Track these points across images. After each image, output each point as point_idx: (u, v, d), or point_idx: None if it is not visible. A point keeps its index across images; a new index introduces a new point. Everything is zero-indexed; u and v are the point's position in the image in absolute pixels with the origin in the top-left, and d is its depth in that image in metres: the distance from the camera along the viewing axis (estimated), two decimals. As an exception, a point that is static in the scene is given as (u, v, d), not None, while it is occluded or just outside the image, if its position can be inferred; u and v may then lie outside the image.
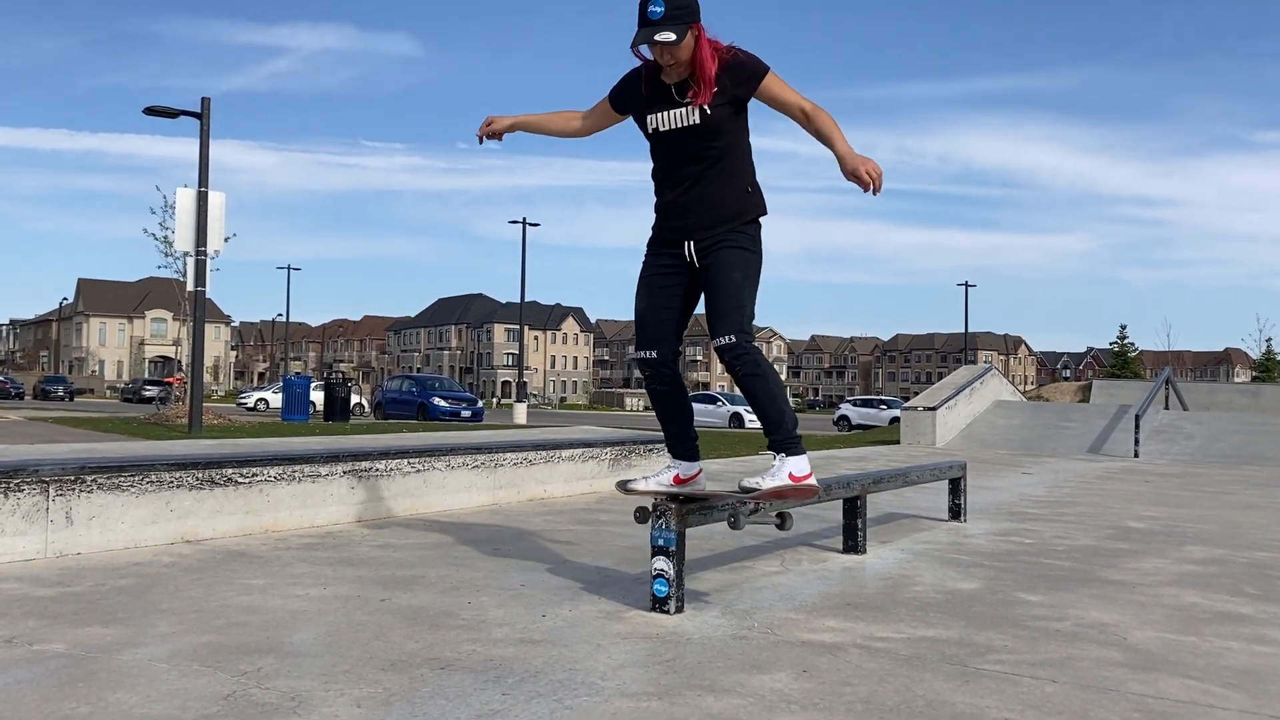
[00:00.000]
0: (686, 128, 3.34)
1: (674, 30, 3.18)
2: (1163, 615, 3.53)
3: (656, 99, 3.37)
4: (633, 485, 3.53)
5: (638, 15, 3.21)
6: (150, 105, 16.16)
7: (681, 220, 3.42)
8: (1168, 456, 13.03)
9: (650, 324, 3.50)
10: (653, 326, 3.49)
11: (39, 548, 3.98)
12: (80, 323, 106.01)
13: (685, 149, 3.37)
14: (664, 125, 3.37)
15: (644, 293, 3.51)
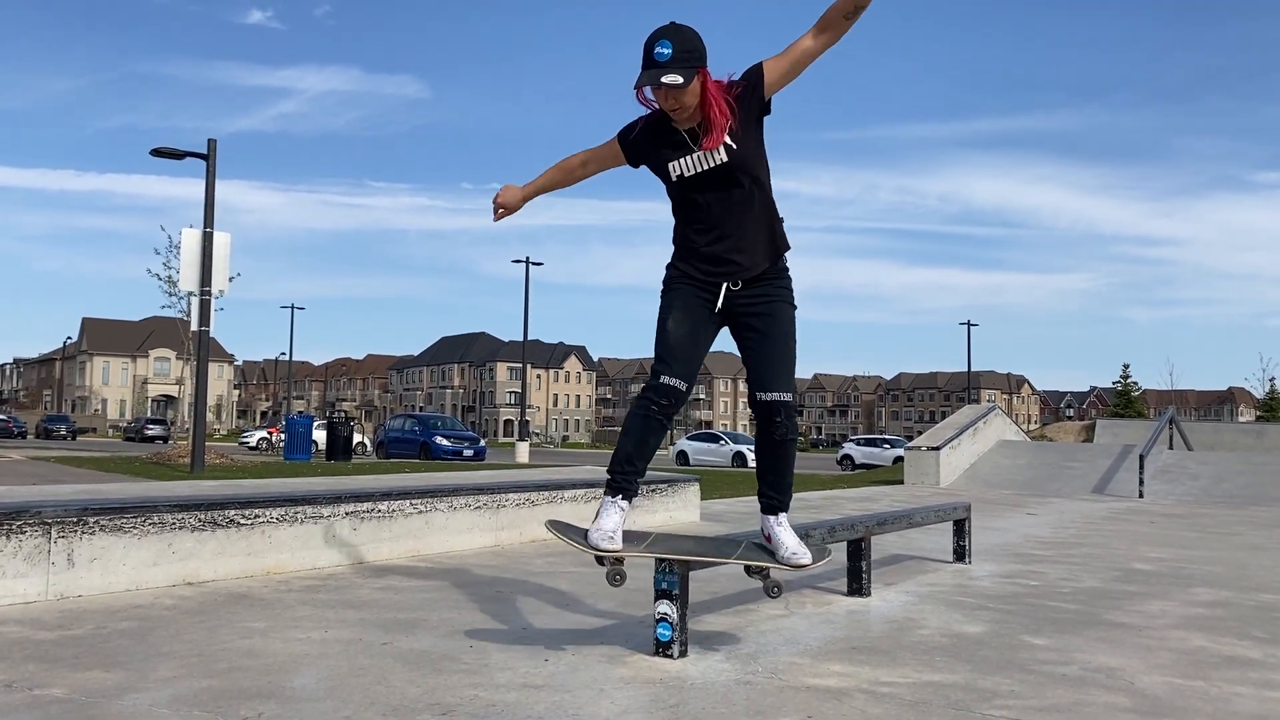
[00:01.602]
0: (714, 169, 3.24)
1: (681, 73, 3.10)
2: (1170, 659, 3.50)
3: (675, 145, 3.27)
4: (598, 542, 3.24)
5: (643, 56, 3.15)
6: (157, 146, 16.32)
7: (720, 266, 3.31)
8: (1173, 497, 12.97)
9: (683, 351, 3.31)
10: (685, 355, 3.31)
11: (40, 590, 3.96)
12: (84, 361, 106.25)
13: (715, 191, 3.27)
14: (689, 170, 3.26)
15: (682, 318, 3.32)
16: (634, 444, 3.30)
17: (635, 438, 3.30)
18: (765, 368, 3.32)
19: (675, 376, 3.26)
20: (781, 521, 3.41)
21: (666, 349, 3.29)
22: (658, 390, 3.25)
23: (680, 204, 3.33)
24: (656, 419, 3.27)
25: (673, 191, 3.32)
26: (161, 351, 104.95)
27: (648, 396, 3.27)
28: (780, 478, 3.42)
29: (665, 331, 3.30)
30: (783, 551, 3.33)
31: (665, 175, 3.30)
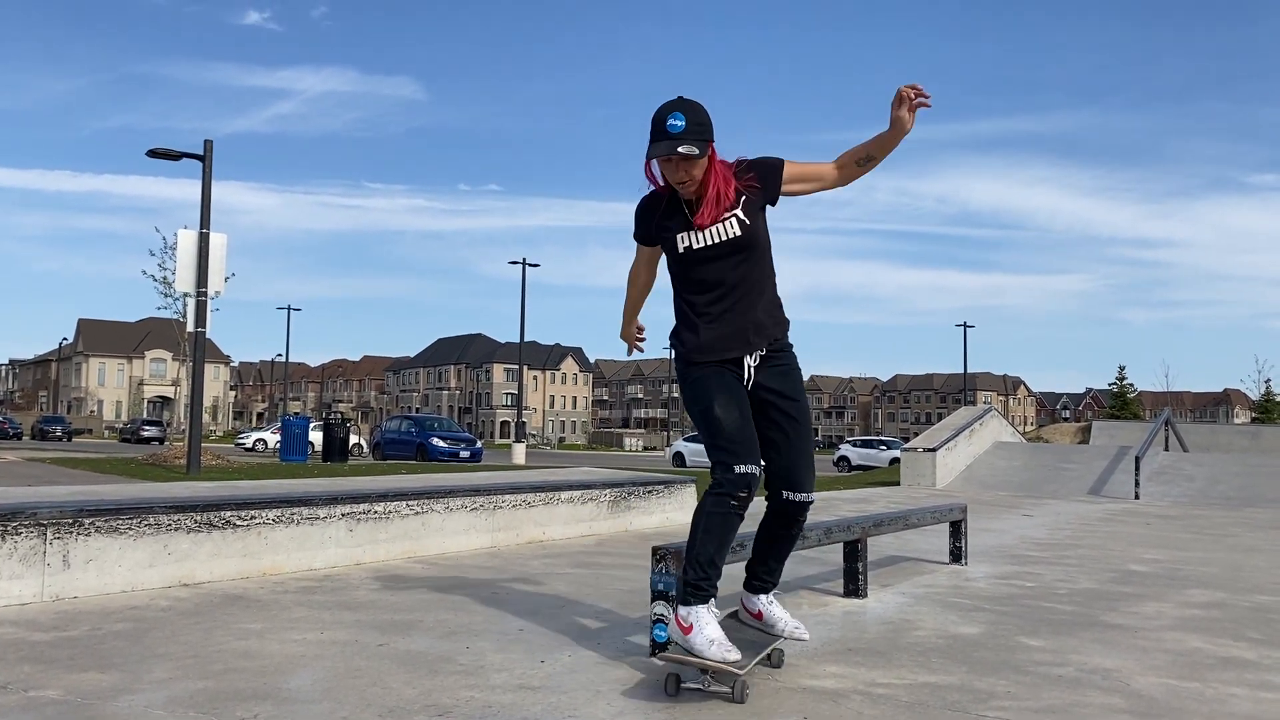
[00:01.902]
0: (725, 242, 3.18)
1: (695, 145, 3.09)
2: (1166, 660, 3.50)
3: (679, 220, 3.22)
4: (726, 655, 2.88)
5: (653, 129, 3.13)
6: (153, 147, 16.29)
7: (737, 338, 3.20)
8: (1168, 498, 12.99)
9: (745, 432, 3.09)
10: (748, 436, 3.10)
11: (35, 591, 3.95)
12: (80, 363, 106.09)
13: (723, 263, 3.19)
14: (698, 243, 3.18)
15: (728, 400, 3.13)
16: (715, 546, 3.05)
17: (716, 539, 3.04)
18: (799, 464, 3.22)
19: (748, 463, 3.03)
20: (771, 598, 3.34)
21: (726, 437, 3.06)
22: (736, 483, 3.00)
23: (685, 277, 3.23)
24: (737, 515, 3.04)
25: (677, 264, 3.24)
26: (157, 352, 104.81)
27: (726, 492, 3.01)
28: (781, 563, 3.38)
29: (715, 419, 3.08)
30: (784, 627, 3.26)
31: (672, 248, 3.24)
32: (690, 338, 3.23)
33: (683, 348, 3.26)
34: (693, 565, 3.04)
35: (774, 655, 3.27)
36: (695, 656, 2.88)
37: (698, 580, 3.01)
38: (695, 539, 3.05)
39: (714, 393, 3.11)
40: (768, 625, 3.28)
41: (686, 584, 3.03)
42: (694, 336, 3.21)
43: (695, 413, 3.17)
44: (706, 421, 3.11)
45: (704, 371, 3.18)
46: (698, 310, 3.23)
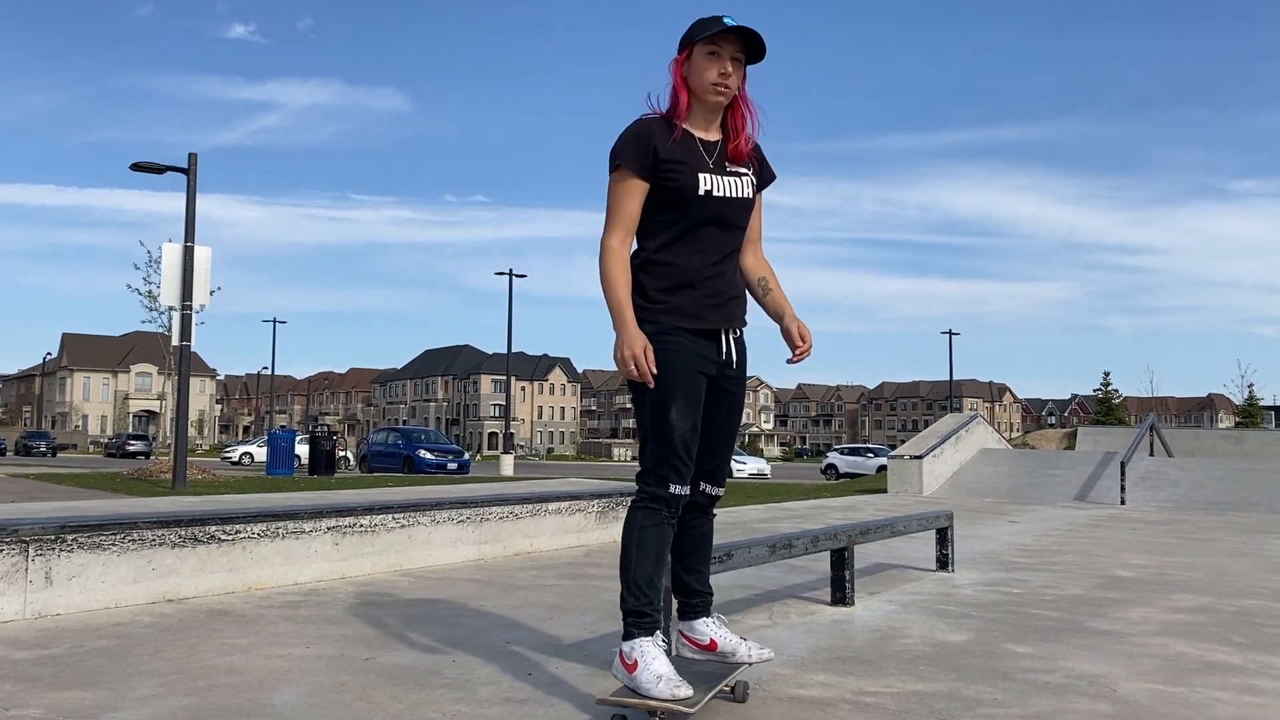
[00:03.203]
0: (742, 200, 2.86)
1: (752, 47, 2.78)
2: (1152, 666, 3.51)
3: (699, 158, 2.81)
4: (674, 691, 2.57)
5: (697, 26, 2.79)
6: (137, 161, 16.24)
7: (726, 303, 2.87)
8: (1154, 503, 13.04)
9: (691, 450, 2.78)
10: (691, 455, 2.79)
11: (17, 609, 3.92)
12: (64, 377, 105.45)
13: (729, 224, 2.85)
14: (719, 191, 2.80)
15: (687, 406, 2.76)
16: (653, 563, 2.75)
17: (653, 556, 2.75)
18: (722, 459, 2.95)
19: (685, 486, 2.78)
20: (720, 620, 3.01)
21: (673, 451, 2.74)
22: (668, 502, 2.75)
23: (689, 230, 2.79)
24: (670, 525, 2.78)
25: (684, 211, 2.78)
26: (143, 366, 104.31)
27: (659, 508, 2.75)
28: (708, 567, 3.02)
29: (669, 426, 2.74)
30: (745, 652, 2.96)
31: (688, 187, 2.76)
32: (672, 299, 2.78)
33: (655, 306, 2.78)
34: (632, 590, 2.71)
35: (737, 688, 2.92)
36: (640, 697, 2.57)
37: (640, 607, 2.70)
38: (629, 560, 2.73)
39: (677, 391, 2.74)
40: (725, 655, 2.95)
41: (627, 614, 2.71)
42: (677, 297, 2.78)
43: (646, 402, 2.76)
44: (658, 423, 2.75)
45: (676, 348, 2.75)
46: (684, 258, 2.80)
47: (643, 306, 2.79)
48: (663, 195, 2.78)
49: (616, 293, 2.75)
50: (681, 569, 2.98)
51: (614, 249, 2.78)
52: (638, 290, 2.80)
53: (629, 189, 2.78)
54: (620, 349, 2.71)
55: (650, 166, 2.76)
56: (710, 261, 2.82)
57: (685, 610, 2.99)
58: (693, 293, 2.80)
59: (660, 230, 2.82)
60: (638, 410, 2.81)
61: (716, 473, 2.97)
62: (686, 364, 2.76)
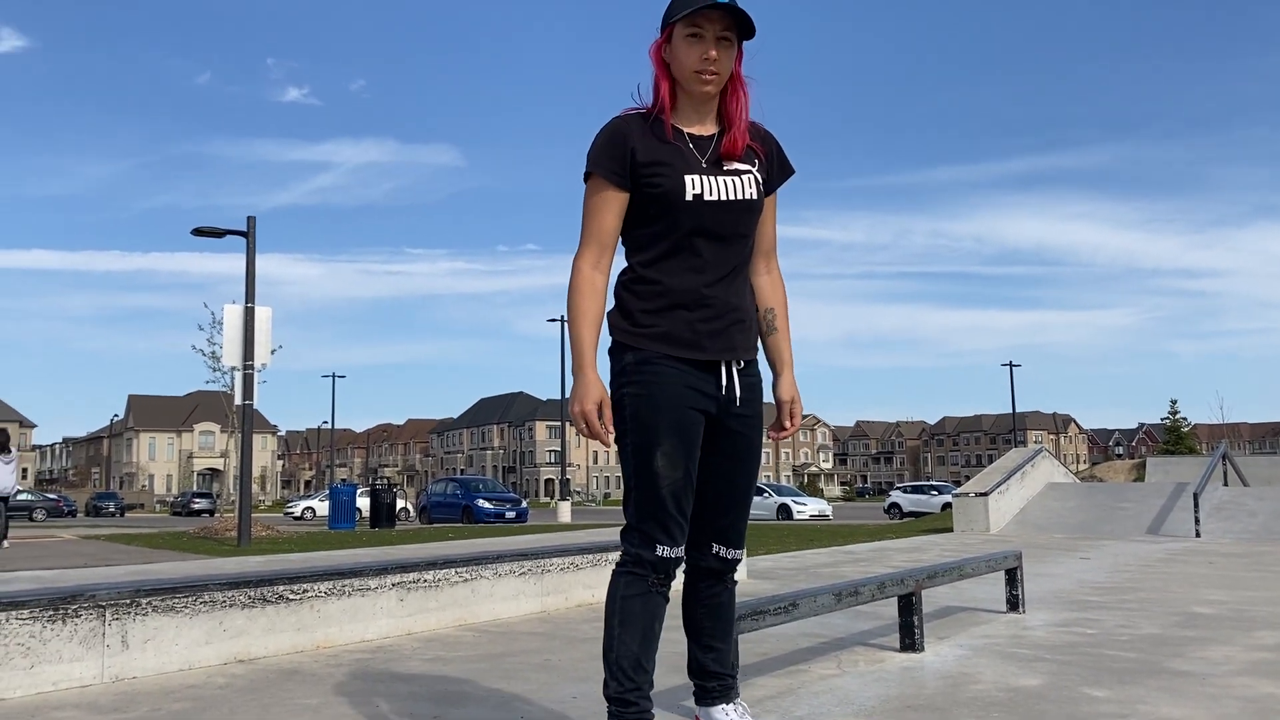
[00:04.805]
0: (742, 202, 2.42)
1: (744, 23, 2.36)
2: (1236, 708, 3.40)
3: (686, 157, 2.41)
4: None
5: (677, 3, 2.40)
6: (198, 226, 16.69)
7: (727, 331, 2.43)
8: (1230, 535, 12.67)
9: (683, 505, 2.37)
10: (684, 511, 2.38)
11: (96, 673, 4.00)
12: (130, 438, 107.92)
13: (728, 233, 2.42)
14: (710, 194, 2.38)
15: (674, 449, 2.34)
16: (640, 640, 2.34)
17: (639, 631, 2.34)
18: (742, 515, 2.53)
19: (675, 547, 2.37)
20: (742, 708, 2.61)
21: (658, 504, 2.34)
22: (655, 566, 2.36)
23: (678, 242, 2.39)
24: (660, 594, 2.40)
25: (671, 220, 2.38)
26: (206, 425, 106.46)
27: (644, 574, 2.37)
28: (729, 643, 2.58)
29: (654, 475, 2.33)
30: None
31: (673, 190, 2.37)
32: (661, 322, 2.38)
33: (640, 330, 2.39)
34: (614, 674, 2.33)
35: None
36: None
37: (623, 694, 2.32)
38: (611, 637, 2.35)
39: (663, 433, 2.33)
40: None
41: (610, 701, 2.33)
42: (667, 320, 2.38)
43: (629, 447, 2.37)
44: (641, 471, 2.35)
45: (662, 380, 2.35)
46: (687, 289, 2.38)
47: (626, 330, 2.40)
48: (646, 204, 2.39)
49: (579, 329, 2.35)
50: (696, 647, 2.56)
51: (583, 273, 2.39)
52: (622, 311, 2.43)
53: (603, 201, 2.39)
54: (572, 401, 2.34)
55: (627, 172, 2.38)
56: (707, 280, 2.39)
57: (702, 695, 2.58)
58: (686, 315, 2.38)
59: (648, 244, 2.42)
60: (621, 457, 2.42)
61: (730, 531, 2.51)
62: (675, 399, 2.34)
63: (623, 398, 2.37)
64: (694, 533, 2.49)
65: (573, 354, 2.34)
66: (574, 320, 2.37)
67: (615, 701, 2.32)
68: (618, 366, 2.41)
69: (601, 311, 2.40)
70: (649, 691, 2.32)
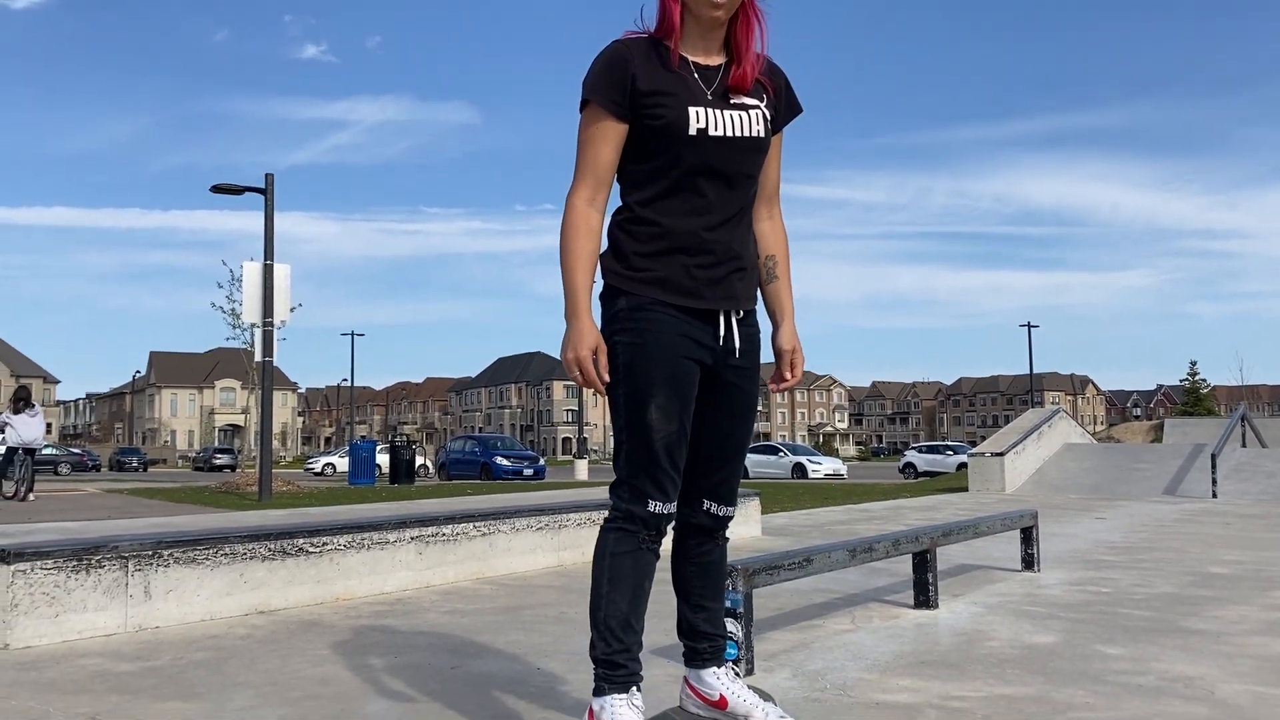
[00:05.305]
0: (749, 139, 2.27)
1: None
2: (1251, 667, 3.41)
3: (691, 88, 2.24)
4: None
5: None
6: (217, 183, 16.70)
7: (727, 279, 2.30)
8: (1248, 496, 12.63)
9: (676, 459, 2.27)
10: (677, 465, 2.28)
11: (119, 622, 4.07)
12: (152, 394, 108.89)
13: (733, 172, 2.27)
14: (716, 129, 2.23)
15: (669, 401, 2.23)
16: (629, 599, 2.27)
17: (629, 590, 2.27)
18: (735, 472, 2.43)
19: (668, 502, 2.28)
20: (734, 672, 2.52)
21: (651, 458, 2.23)
22: (646, 522, 2.26)
23: (679, 180, 2.25)
24: (650, 551, 2.31)
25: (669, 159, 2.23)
26: (227, 382, 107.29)
27: (634, 530, 2.28)
28: (719, 603, 2.50)
29: (647, 428, 2.22)
30: (761, 716, 2.41)
31: (677, 123, 2.21)
32: (657, 267, 2.25)
33: (635, 274, 2.26)
34: (602, 634, 2.25)
35: None
36: None
37: (611, 655, 2.24)
38: (599, 596, 2.28)
39: (657, 385, 2.22)
40: (734, 717, 2.43)
41: (597, 663, 2.25)
42: (664, 265, 2.25)
43: (621, 398, 2.24)
44: (633, 423, 2.23)
45: (657, 328, 2.22)
46: (687, 231, 2.25)
47: (620, 274, 2.27)
48: (646, 137, 2.23)
49: (573, 270, 2.21)
50: (686, 606, 2.48)
51: (578, 210, 2.24)
52: (616, 253, 2.29)
53: (601, 132, 2.23)
54: (565, 348, 2.21)
55: (627, 101, 2.21)
56: (708, 222, 2.26)
57: (692, 656, 2.49)
58: (684, 260, 2.24)
59: (646, 181, 2.27)
60: (612, 408, 2.29)
61: (723, 488, 2.42)
62: (670, 349, 2.22)
63: (615, 346, 2.24)
64: (685, 488, 2.39)
65: (565, 297, 2.21)
66: (567, 261, 2.22)
67: (602, 663, 2.23)
68: (610, 312, 2.28)
69: (596, 252, 2.26)
70: (638, 653, 2.24)
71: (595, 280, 2.28)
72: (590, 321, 2.20)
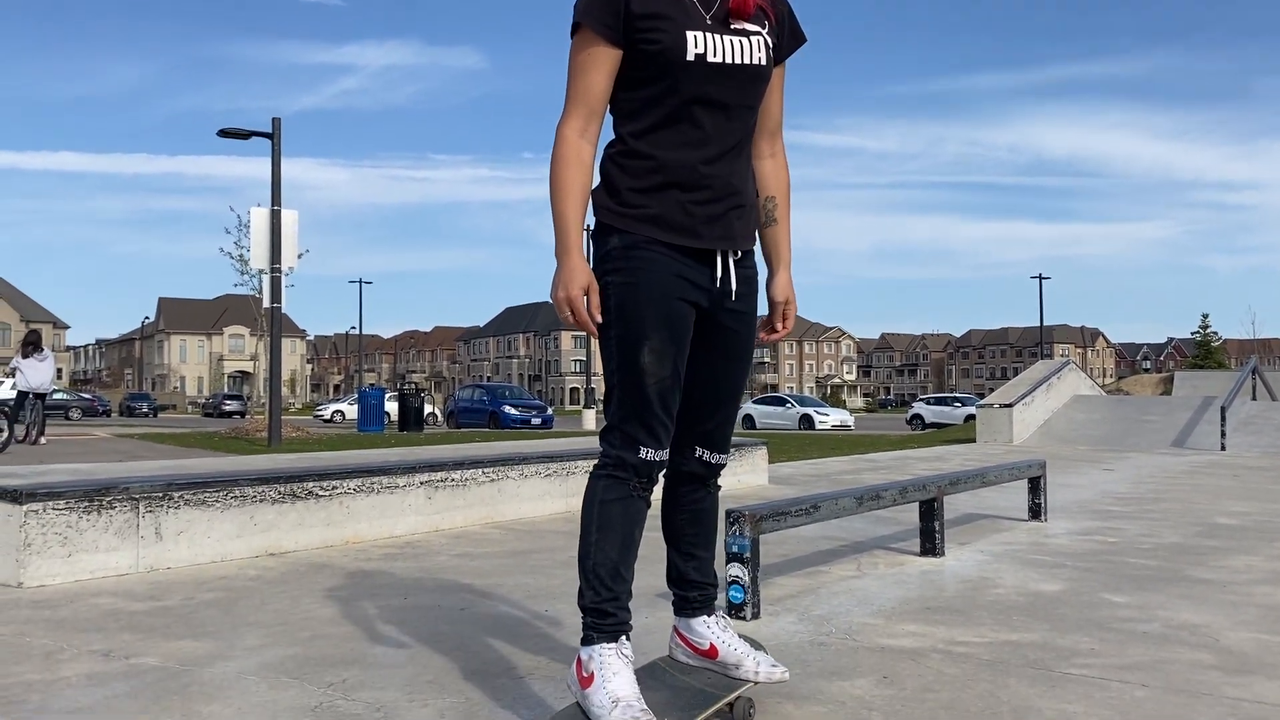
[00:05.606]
0: (750, 67, 2.16)
1: None
2: (1256, 615, 3.42)
3: (689, 10, 2.13)
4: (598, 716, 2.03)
5: None
6: (224, 127, 16.59)
7: (725, 217, 2.19)
8: (1256, 449, 12.62)
9: (669, 405, 2.18)
10: (670, 411, 2.19)
11: (131, 563, 4.10)
12: (162, 340, 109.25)
13: (733, 101, 2.16)
14: (715, 54, 2.11)
15: (664, 345, 2.14)
16: (619, 547, 2.20)
17: (618, 537, 2.20)
18: (729, 418, 2.35)
19: (660, 450, 2.20)
20: (724, 621, 2.42)
21: (643, 403, 2.15)
22: (637, 469, 2.19)
23: (675, 109, 2.13)
24: (641, 499, 2.25)
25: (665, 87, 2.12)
26: (236, 329, 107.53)
27: (625, 477, 2.21)
28: (710, 552, 2.44)
29: (640, 372, 2.13)
30: (752, 665, 2.32)
31: (675, 47, 2.10)
32: (652, 203, 2.14)
33: (628, 210, 2.16)
34: (591, 583, 2.17)
35: (737, 706, 2.27)
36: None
37: (600, 604, 2.15)
38: (589, 544, 2.20)
39: (651, 327, 2.13)
40: (725, 665, 2.33)
41: (586, 611, 2.16)
42: (659, 201, 2.14)
43: (613, 340, 2.16)
44: (625, 367, 2.15)
45: (651, 268, 2.13)
46: (684, 165, 2.14)
47: (613, 210, 2.17)
48: (641, 63, 2.12)
49: (563, 205, 2.10)
50: (676, 554, 2.43)
51: (569, 141, 2.12)
52: (608, 188, 2.18)
53: (593, 58, 2.12)
54: (555, 287, 2.10)
55: (621, 25, 2.10)
56: (706, 155, 2.15)
57: (681, 605, 2.42)
58: (680, 196, 2.14)
59: (640, 111, 2.16)
60: (603, 350, 2.21)
61: (716, 434, 2.35)
62: (664, 290, 2.13)
63: (606, 286, 2.15)
64: (678, 435, 2.32)
65: (556, 233, 2.10)
66: (557, 195, 2.11)
67: (591, 612, 2.15)
68: (601, 251, 2.18)
69: (588, 186, 2.14)
70: (627, 602, 2.17)
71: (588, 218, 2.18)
72: (582, 259, 2.09)
